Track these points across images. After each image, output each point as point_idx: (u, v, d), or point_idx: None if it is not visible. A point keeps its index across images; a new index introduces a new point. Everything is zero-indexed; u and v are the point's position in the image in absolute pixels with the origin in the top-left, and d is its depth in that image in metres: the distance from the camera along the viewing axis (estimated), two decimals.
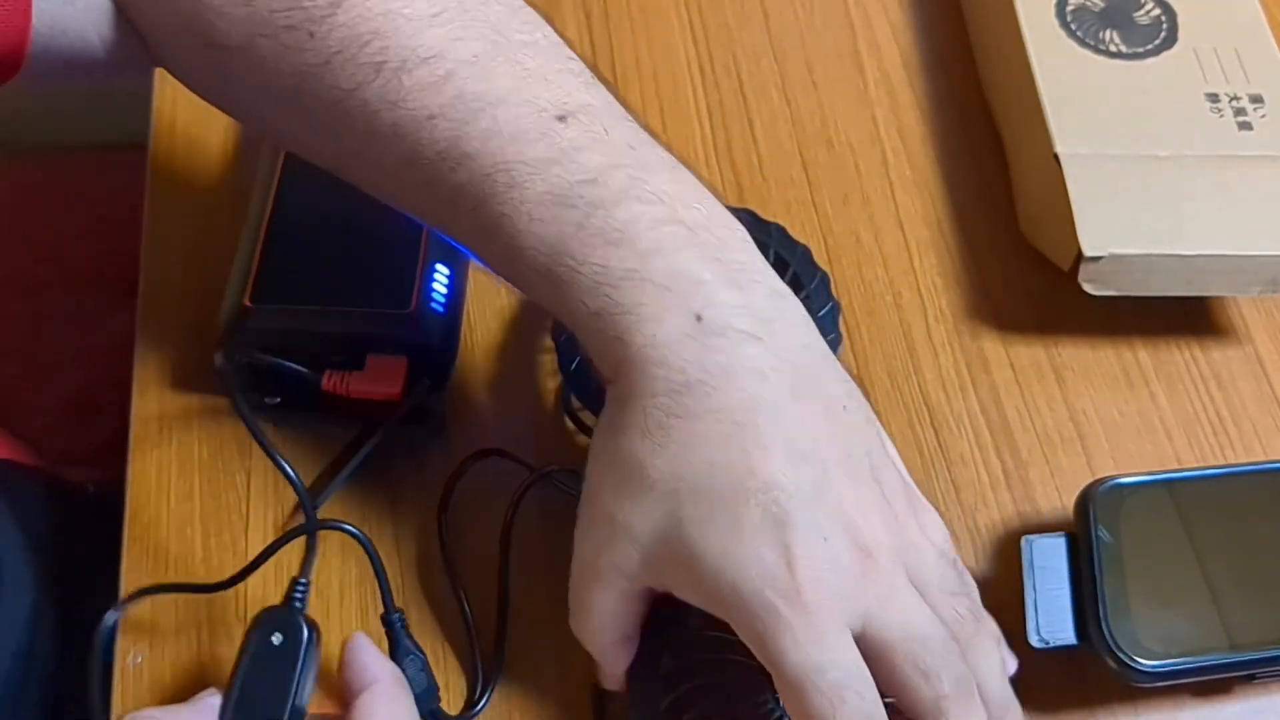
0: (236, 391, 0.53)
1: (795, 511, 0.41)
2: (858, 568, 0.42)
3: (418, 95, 0.44)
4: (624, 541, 0.44)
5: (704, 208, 0.45)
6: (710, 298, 0.43)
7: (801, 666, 0.41)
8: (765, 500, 0.41)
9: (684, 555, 0.42)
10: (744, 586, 0.41)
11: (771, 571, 0.41)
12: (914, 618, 0.43)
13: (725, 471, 0.42)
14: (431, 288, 0.54)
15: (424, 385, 0.55)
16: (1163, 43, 0.64)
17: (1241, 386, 0.60)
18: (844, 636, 0.41)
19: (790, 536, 0.41)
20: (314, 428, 0.56)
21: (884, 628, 0.42)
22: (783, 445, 0.42)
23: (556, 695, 0.51)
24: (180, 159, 0.64)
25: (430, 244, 0.55)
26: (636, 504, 0.43)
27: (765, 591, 0.41)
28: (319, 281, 0.54)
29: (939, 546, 0.45)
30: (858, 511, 0.43)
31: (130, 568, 0.53)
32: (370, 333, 0.53)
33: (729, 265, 0.44)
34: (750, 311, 0.44)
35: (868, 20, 0.72)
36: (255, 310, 0.54)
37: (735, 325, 0.43)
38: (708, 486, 0.42)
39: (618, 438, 0.44)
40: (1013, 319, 0.62)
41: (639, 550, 0.43)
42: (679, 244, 0.44)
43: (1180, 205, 0.58)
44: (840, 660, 0.41)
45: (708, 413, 0.42)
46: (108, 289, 0.85)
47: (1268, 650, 0.49)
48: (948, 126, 0.68)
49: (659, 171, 0.45)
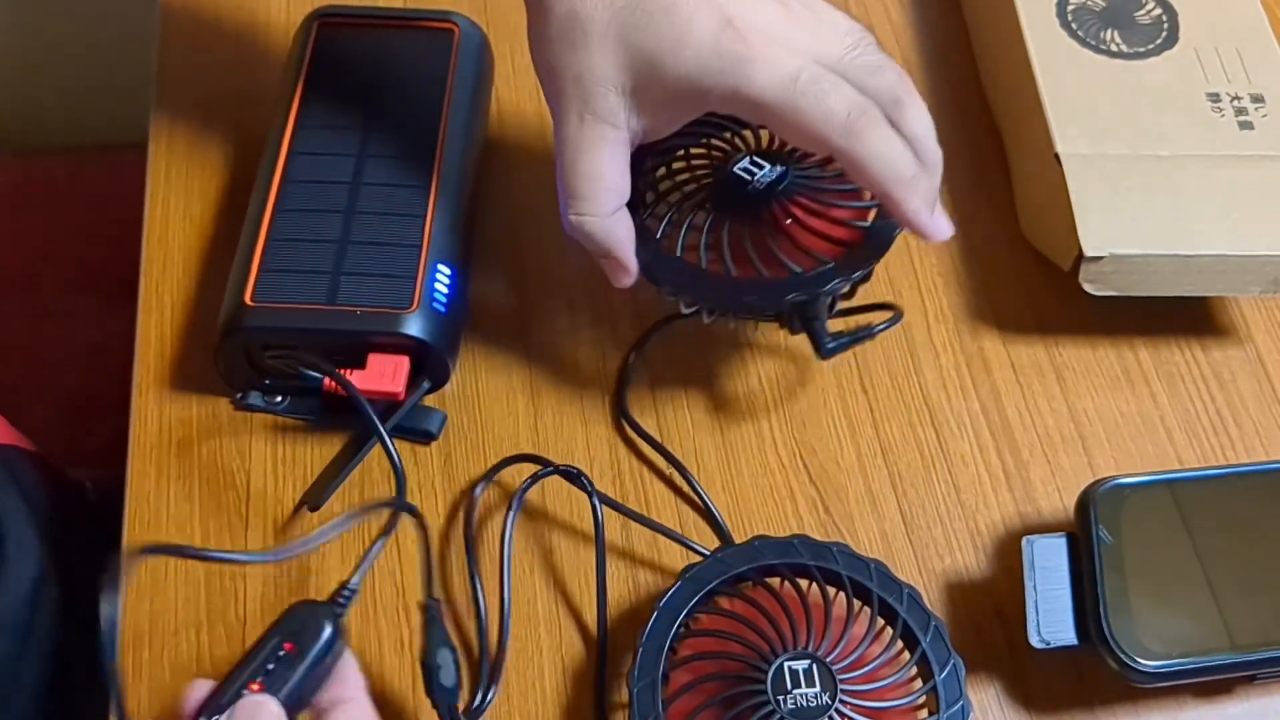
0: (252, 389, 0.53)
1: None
2: (779, 10, 0.50)
3: None
4: (597, 87, 0.49)
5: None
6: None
7: (779, 81, 0.48)
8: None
9: (648, 65, 0.49)
10: (704, 52, 0.48)
11: (717, 31, 0.48)
12: (842, 33, 0.50)
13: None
14: (434, 287, 0.54)
15: (424, 385, 0.55)
16: (1164, 42, 0.64)
17: (1242, 386, 0.60)
18: (800, 54, 0.49)
19: (721, 4, 0.48)
20: (314, 428, 0.56)
21: (824, 49, 0.49)
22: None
23: (556, 695, 0.51)
24: (180, 159, 0.64)
25: (432, 244, 0.55)
26: (591, 51, 0.49)
27: (721, 46, 0.48)
28: (320, 280, 0.54)
29: (843, 14, 0.52)
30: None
31: (130, 567, 0.53)
32: (372, 331, 0.53)
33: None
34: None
35: (868, 20, 0.72)
36: (256, 309, 0.54)
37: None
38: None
39: (545, 13, 0.50)
40: (1013, 319, 0.62)
41: (615, 88, 0.50)
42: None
43: (1181, 205, 0.58)
44: (804, 65, 0.48)
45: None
46: (108, 289, 0.85)
47: (1269, 650, 0.49)
48: (948, 126, 0.67)
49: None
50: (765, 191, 0.54)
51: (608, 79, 0.50)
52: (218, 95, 0.67)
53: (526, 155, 0.66)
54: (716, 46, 0.48)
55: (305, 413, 0.57)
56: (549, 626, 0.52)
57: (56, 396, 0.82)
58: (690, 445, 0.57)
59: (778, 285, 0.53)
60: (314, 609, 0.45)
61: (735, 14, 0.48)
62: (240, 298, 0.54)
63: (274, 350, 0.54)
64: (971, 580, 0.54)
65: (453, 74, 0.61)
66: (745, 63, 0.48)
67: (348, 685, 0.46)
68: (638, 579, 0.54)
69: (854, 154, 0.49)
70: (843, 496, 0.56)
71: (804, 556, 0.49)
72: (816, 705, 0.45)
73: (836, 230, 0.54)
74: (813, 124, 0.48)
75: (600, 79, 0.50)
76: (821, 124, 0.48)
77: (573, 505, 0.55)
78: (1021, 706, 0.51)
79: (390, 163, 0.58)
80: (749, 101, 0.49)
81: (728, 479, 0.56)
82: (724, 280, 0.53)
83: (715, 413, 0.58)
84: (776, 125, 0.50)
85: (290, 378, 0.54)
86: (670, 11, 0.48)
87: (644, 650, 0.47)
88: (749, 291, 0.53)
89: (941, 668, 0.47)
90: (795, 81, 0.48)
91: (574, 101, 0.50)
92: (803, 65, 0.48)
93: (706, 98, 0.49)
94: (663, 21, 0.48)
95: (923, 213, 0.50)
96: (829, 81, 0.48)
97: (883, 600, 0.49)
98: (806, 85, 0.48)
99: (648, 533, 0.55)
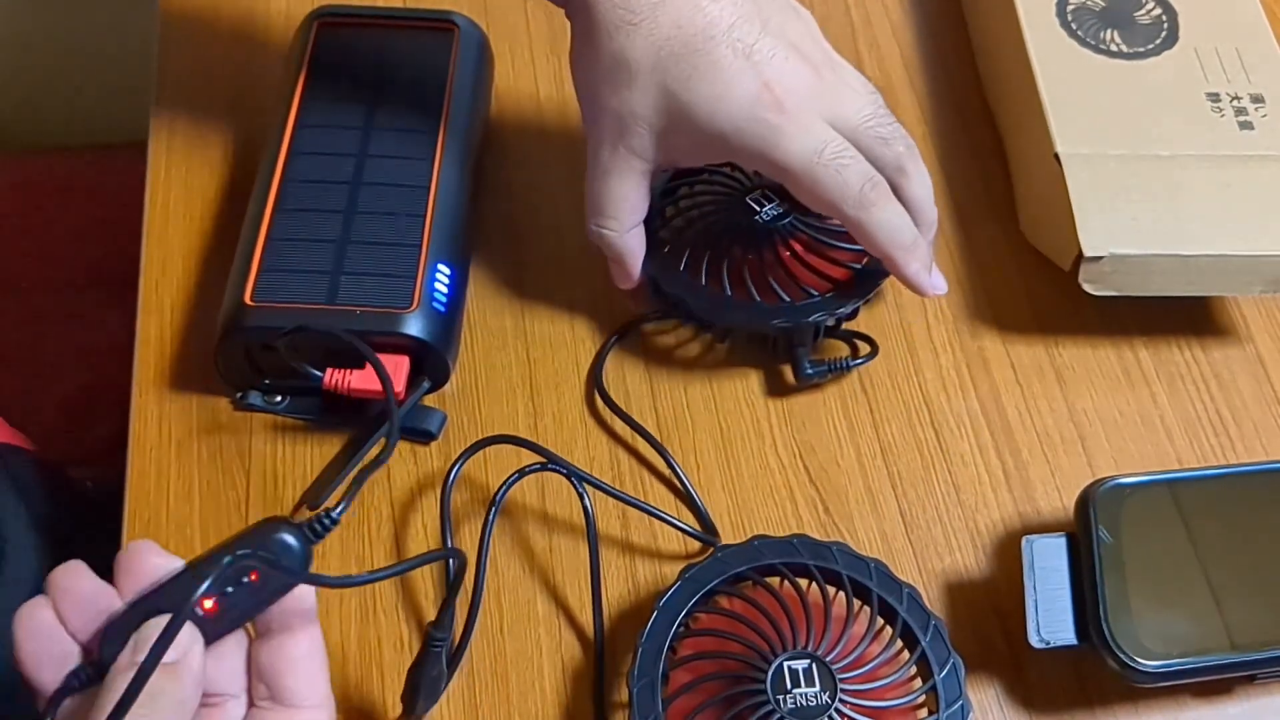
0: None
1: (755, 41, 0.52)
2: (812, 75, 0.53)
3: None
4: (634, 125, 0.53)
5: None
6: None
7: (803, 153, 0.52)
8: (730, 40, 0.52)
9: (684, 117, 0.52)
10: (739, 115, 0.52)
11: (756, 96, 0.52)
12: (862, 103, 0.54)
13: (691, 28, 0.51)
14: (434, 287, 0.54)
15: (424, 384, 0.55)
16: (1163, 42, 0.64)
17: (1242, 386, 0.60)
18: (825, 126, 0.52)
19: (759, 64, 0.52)
20: (314, 428, 0.56)
21: (845, 117, 0.53)
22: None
23: (556, 695, 0.51)
24: (180, 159, 0.64)
25: (432, 243, 0.55)
26: (632, 90, 0.52)
27: (756, 112, 0.52)
28: (320, 280, 0.54)
29: (858, 73, 0.56)
30: (795, 36, 0.53)
31: None
32: (372, 331, 0.53)
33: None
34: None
35: (868, 20, 0.72)
36: (256, 308, 0.54)
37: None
38: (682, 48, 0.51)
39: (594, 49, 0.52)
40: (1013, 319, 0.62)
41: (649, 128, 0.53)
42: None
43: (1181, 205, 0.58)
44: (829, 138, 0.52)
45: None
46: (107, 289, 0.85)
47: (1269, 650, 0.49)
48: (948, 126, 0.68)
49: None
50: (770, 223, 0.58)
51: (645, 119, 0.53)
52: (218, 95, 0.67)
53: (524, 155, 0.66)
54: (752, 111, 0.52)
55: (305, 412, 0.57)
56: (548, 627, 0.52)
57: (56, 396, 0.82)
58: (690, 445, 0.57)
59: (767, 310, 0.57)
60: (287, 531, 0.41)
61: (772, 79, 0.52)
62: (240, 297, 0.54)
63: (274, 349, 0.54)
64: (971, 580, 0.54)
65: (453, 74, 0.61)
66: (776, 131, 0.52)
67: (315, 688, 0.42)
68: (637, 579, 0.54)
69: (862, 224, 0.53)
70: (842, 496, 0.56)
71: (804, 556, 0.49)
72: (816, 704, 0.45)
73: (829, 268, 0.58)
74: (828, 194, 0.53)
75: (638, 118, 0.53)
76: (836, 195, 0.53)
77: (572, 506, 0.55)
78: (1021, 706, 0.51)
79: (390, 162, 0.58)
80: (774, 165, 0.53)
81: (728, 479, 0.56)
82: (719, 297, 0.57)
83: (715, 412, 0.58)
84: (794, 188, 0.54)
85: (290, 376, 0.54)
86: (714, 68, 0.51)
87: (644, 650, 0.47)
88: (739, 311, 0.57)
89: (941, 667, 0.47)
90: (819, 155, 0.52)
91: (609, 132, 0.54)
92: (826, 139, 0.52)
93: (735, 154, 0.53)
94: (705, 77, 0.51)
95: (921, 274, 0.55)
96: (848, 156, 0.52)
97: (882, 600, 0.49)
98: (828, 159, 0.52)
99: (647, 532, 0.55)
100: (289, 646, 0.41)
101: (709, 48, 0.51)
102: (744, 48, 0.52)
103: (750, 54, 0.52)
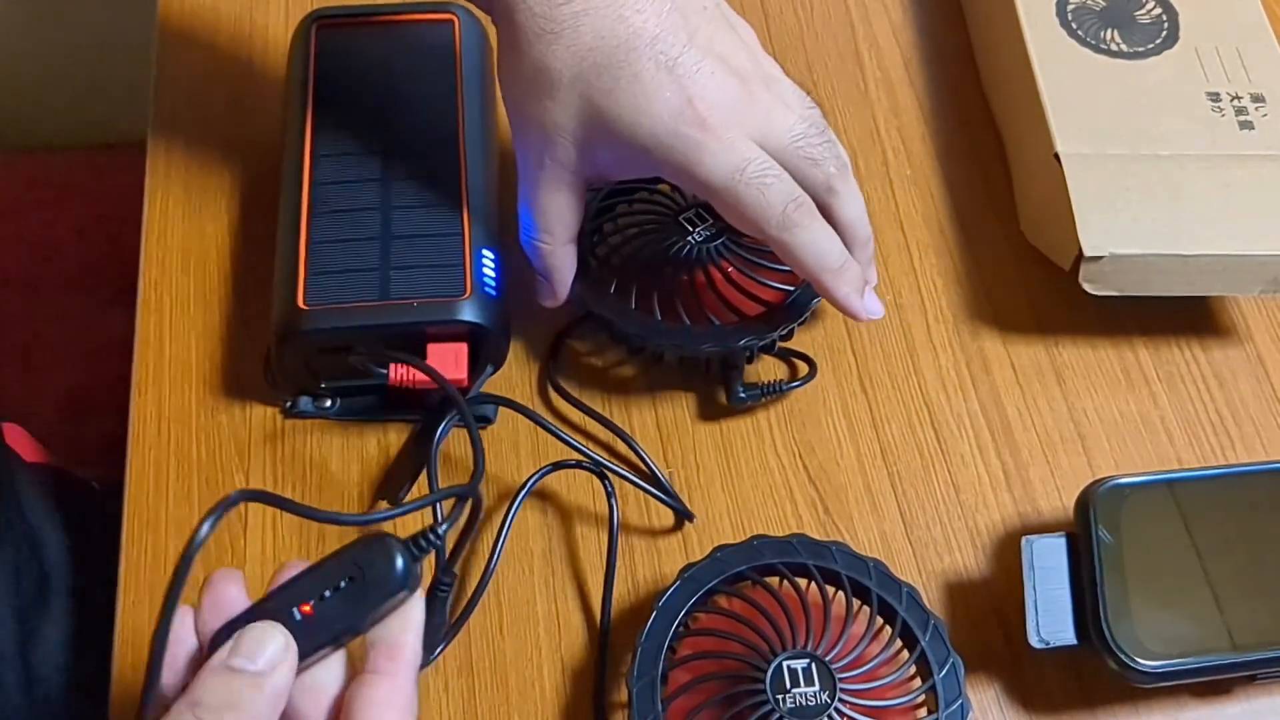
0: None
1: (680, 54, 0.50)
2: (740, 90, 0.51)
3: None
4: (557, 136, 0.51)
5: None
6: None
7: (725, 171, 0.50)
8: (653, 52, 0.50)
9: (606, 127, 0.50)
10: (660, 130, 0.50)
11: (678, 110, 0.50)
12: (793, 121, 0.52)
13: (614, 39, 0.50)
14: (482, 272, 0.54)
15: (489, 368, 0.55)
16: (1164, 42, 0.64)
17: (1242, 386, 0.60)
18: (749, 143, 0.51)
19: (682, 77, 0.50)
20: (314, 427, 0.56)
21: (774, 136, 0.51)
22: (650, 3, 0.50)
23: (556, 695, 0.51)
24: (180, 159, 0.64)
25: (473, 230, 0.55)
26: (555, 101, 0.51)
27: (679, 127, 0.50)
28: (370, 277, 0.54)
29: (796, 89, 0.54)
30: (725, 48, 0.52)
31: (129, 568, 0.53)
32: (431, 321, 0.53)
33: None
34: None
35: (868, 20, 0.72)
36: (311, 311, 0.53)
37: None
38: (605, 59, 0.50)
39: (518, 58, 0.51)
40: (1013, 319, 0.62)
41: (572, 139, 0.51)
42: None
43: (1181, 205, 0.58)
44: (752, 156, 0.50)
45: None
46: (107, 288, 0.85)
47: (1269, 651, 0.49)
48: (948, 126, 0.68)
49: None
50: (702, 244, 0.57)
51: (568, 130, 0.51)
52: (217, 95, 0.67)
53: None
54: (674, 126, 0.50)
55: (359, 413, 0.56)
56: (548, 626, 0.52)
57: (56, 396, 0.82)
58: (689, 444, 0.57)
59: (697, 334, 0.56)
60: (390, 545, 0.41)
61: (696, 94, 0.50)
62: (293, 302, 0.53)
63: (332, 351, 0.54)
64: (971, 580, 0.54)
65: (459, 62, 0.61)
66: (698, 147, 0.50)
67: (407, 629, 0.42)
68: (637, 579, 0.54)
69: (786, 245, 0.51)
70: (842, 496, 0.56)
71: (803, 556, 0.49)
72: (816, 704, 0.45)
73: (761, 291, 0.57)
74: (750, 214, 0.51)
75: (561, 129, 0.51)
76: (759, 215, 0.51)
77: (572, 505, 0.55)
78: (1021, 706, 0.51)
79: (416, 156, 0.58)
80: (697, 183, 0.51)
81: (727, 479, 0.56)
82: (649, 321, 0.56)
83: (715, 412, 0.58)
84: (719, 207, 0.52)
85: (353, 376, 0.54)
86: (635, 81, 0.50)
87: (643, 650, 0.47)
88: (669, 336, 0.56)
89: (940, 667, 0.47)
90: (741, 173, 0.50)
91: (535, 143, 0.52)
92: (750, 157, 0.50)
93: (659, 169, 0.52)
94: (626, 89, 0.50)
95: (851, 298, 0.53)
96: (771, 175, 0.50)
97: (882, 599, 0.49)
98: (750, 178, 0.50)
99: (647, 532, 0.55)
100: (370, 685, 0.40)
101: (631, 60, 0.49)
102: (667, 61, 0.50)
103: (674, 67, 0.50)
